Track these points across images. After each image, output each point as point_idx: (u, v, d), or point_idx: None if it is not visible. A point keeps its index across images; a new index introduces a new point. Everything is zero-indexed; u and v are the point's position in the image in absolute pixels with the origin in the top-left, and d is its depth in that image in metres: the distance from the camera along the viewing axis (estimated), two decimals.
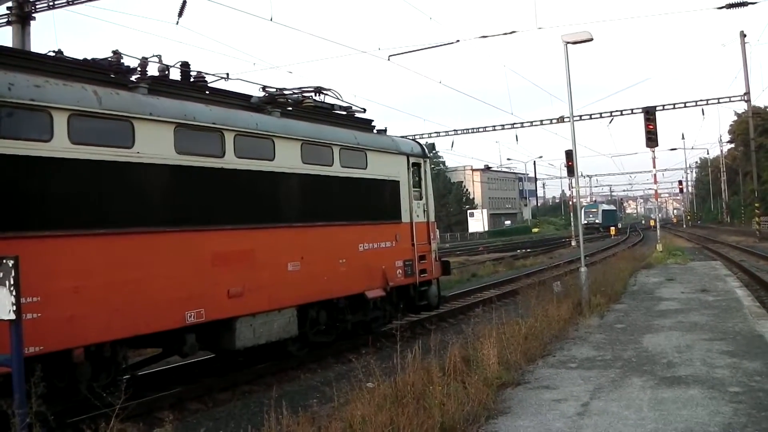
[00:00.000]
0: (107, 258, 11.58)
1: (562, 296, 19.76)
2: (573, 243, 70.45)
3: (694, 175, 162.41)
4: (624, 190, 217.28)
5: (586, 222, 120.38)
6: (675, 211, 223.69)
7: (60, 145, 10.94)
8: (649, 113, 39.18)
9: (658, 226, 55.06)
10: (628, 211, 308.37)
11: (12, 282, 6.40)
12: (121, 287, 11.70)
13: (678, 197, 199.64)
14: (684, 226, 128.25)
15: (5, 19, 22.86)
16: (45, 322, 10.18)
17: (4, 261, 6.49)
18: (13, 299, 6.39)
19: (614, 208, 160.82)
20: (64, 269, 10.83)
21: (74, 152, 11.14)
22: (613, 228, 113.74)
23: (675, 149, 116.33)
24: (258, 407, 12.52)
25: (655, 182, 49.87)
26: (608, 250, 58.73)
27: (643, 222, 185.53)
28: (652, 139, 38.33)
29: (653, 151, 42.67)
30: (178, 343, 13.33)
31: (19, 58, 11.73)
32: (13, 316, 6.43)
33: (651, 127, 38.10)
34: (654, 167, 46.09)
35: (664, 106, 54.76)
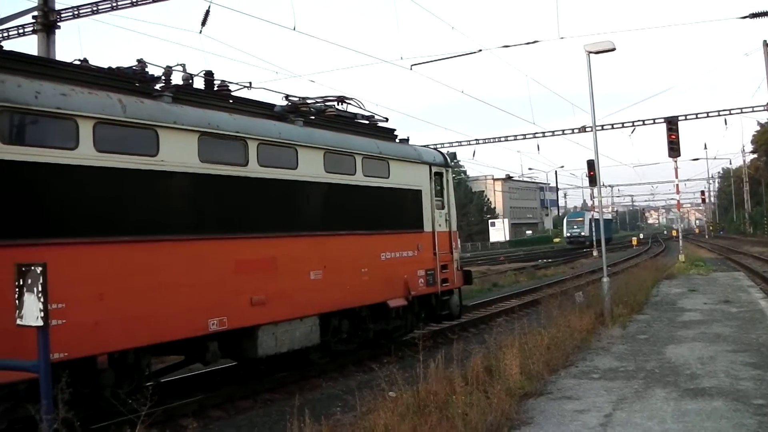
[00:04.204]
0: (131, 265, 11.63)
1: (584, 306, 19.72)
2: (594, 253, 70.19)
3: (717, 185, 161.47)
4: (646, 200, 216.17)
5: (569, 234, 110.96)
6: (697, 221, 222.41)
7: (85, 153, 11.01)
8: (672, 123, 38.97)
9: (680, 237, 54.68)
10: (650, 221, 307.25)
11: (40, 288, 6.43)
12: (145, 295, 11.74)
13: (700, 207, 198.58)
14: (706, 236, 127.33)
15: (31, 28, 23.03)
16: (70, 329, 10.24)
17: (33, 268, 6.53)
18: (40, 306, 6.42)
19: (608, 217, 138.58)
20: (88, 276, 10.89)
21: (99, 160, 11.20)
22: (634, 239, 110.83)
23: (697, 159, 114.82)
24: (280, 415, 12.55)
25: (678, 192, 49.60)
26: (630, 261, 58.46)
27: (665, 232, 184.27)
28: (674, 149, 38.13)
29: (675, 161, 42.50)
30: (201, 350, 13.37)
31: (45, 67, 11.83)
32: (40, 323, 6.47)
33: (673, 137, 37.90)
34: (676, 177, 45.88)
35: (686, 116, 54.35)
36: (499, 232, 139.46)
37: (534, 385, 11.91)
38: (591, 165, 47.65)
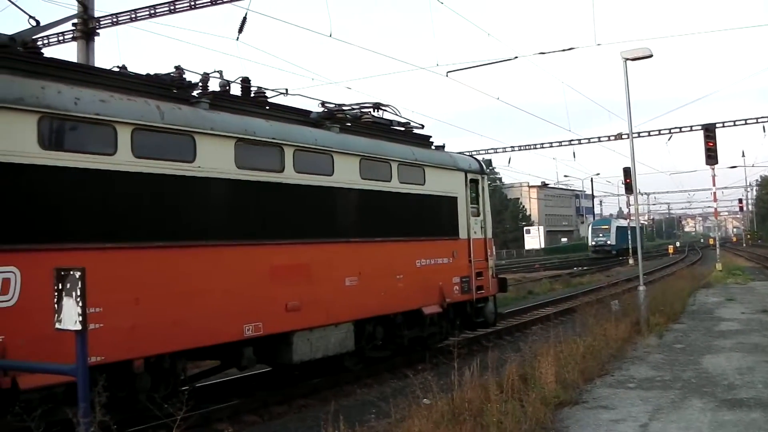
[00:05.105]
0: (167, 270, 11.72)
1: (620, 315, 19.57)
2: (630, 261, 69.71)
3: (755, 193, 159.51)
4: (682, 208, 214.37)
5: (594, 243, 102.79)
6: (734, 229, 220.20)
7: (123, 159, 11.11)
8: (709, 130, 38.70)
9: (717, 245, 54.16)
10: (687, 229, 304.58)
11: (78, 293, 6.48)
12: (181, 300, 11.82)
13: (738, 216, 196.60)
14: (744, 245, 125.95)
15: (70, 35, 23.24)
16: (106, 333, 10.32)
17: (71, 272, 6.58)
18: (79, 310, 6.46)
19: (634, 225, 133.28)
20: (125, 281, 10.98)
21: (137, 166, 11.31)
22: (670, 247, 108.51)
23: (735, 167, 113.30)
24: (314, 421, 12.53)
25: (715, 200, 49.32)
26: (667, 269, 58.04)
27: (702, 240, 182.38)
28: (711, 157, 37.88)
29: (713, 169, 42.22)
30: (236, 355, 13.43)
31: (84, 73, 11.93)
32: (79, 327, 6.50)
33: (711, 144, 37.65)
34: (713, 185, 45.62)
35: (724, 123, 53.80)
36: (534, 239, 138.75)
37: (569, 394, 11.84)
38: (627, 172, 47.46)
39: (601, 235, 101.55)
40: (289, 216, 14.31)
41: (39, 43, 16.38)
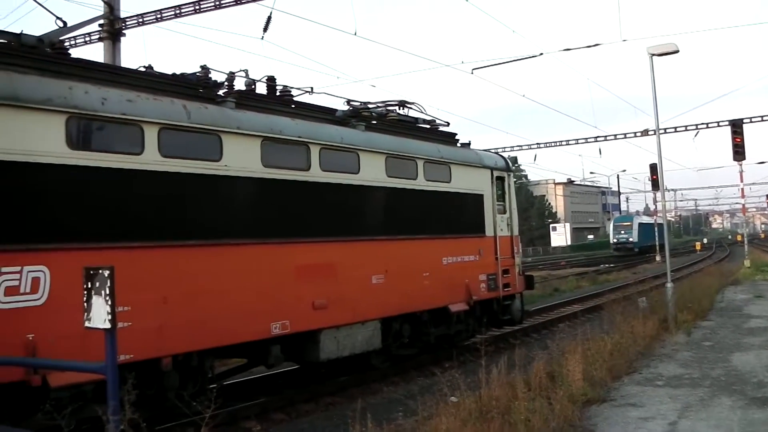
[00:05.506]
0: (195, 269, 11.76)
1: (647, 312, 19.49)
2: (658, 258, 69.33)
3: None
4: (710, 205, 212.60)
5: (615, 240, 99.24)
6: (763, 226, 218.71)
7: (150, 158, 11.16)
8: (736, 126, 38.38)
9: (745, 242, 53.76)
10: (714, 225, 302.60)
11: (107, 292, 6.51)
12: (209, 298, 11.85)
13: (766, 212, 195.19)
14: None
15: (97, 36, 23.38)
16: (135, 332, 10.36)
17: (100, 271, 6.62)
18: (108, 308, 6.50)
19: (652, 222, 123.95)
20: (153, 280, 11.03)
21: (164, 165, 11.35)
22: (698, 244, 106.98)
23: (763, 162, 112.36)
24: (341, 419, 12.55)
25: (743, 196, 48.85)
26: (694, 266, 57.69)
27: (730, 237, 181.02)
28: (739, 153, 37.57)
29: (740, 165, 41.86)
30: (264, 354, 13.46)
31: (111, 74, 11.98)
32: (108, 325, 6.54)
33: (738, 140, 37.35)
34: (741, 181, 45.21)
35: (751, 118, 53.36)
36: (560, 236, 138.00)
37: (597, 391, 11.80)
38: (654, 169, 47.17)
39: (622, 232, 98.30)
40: (316, 214, 14.33)
41: (66, 43, 16.44)
